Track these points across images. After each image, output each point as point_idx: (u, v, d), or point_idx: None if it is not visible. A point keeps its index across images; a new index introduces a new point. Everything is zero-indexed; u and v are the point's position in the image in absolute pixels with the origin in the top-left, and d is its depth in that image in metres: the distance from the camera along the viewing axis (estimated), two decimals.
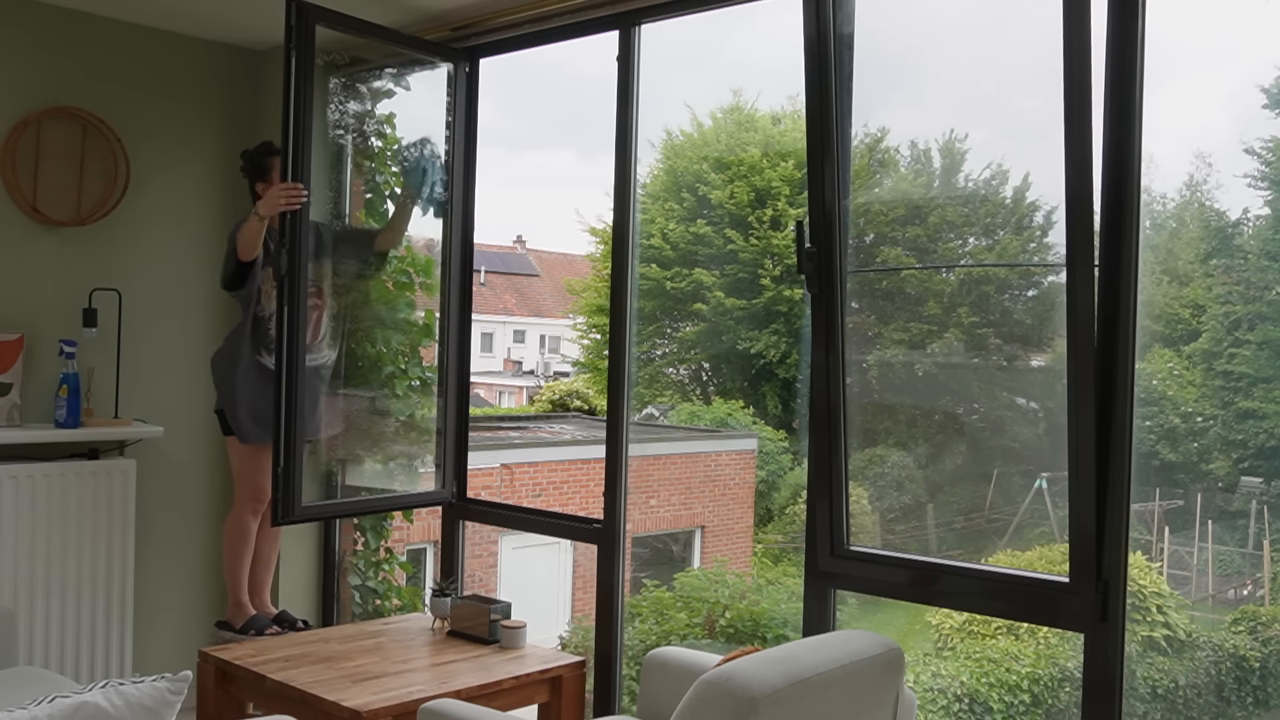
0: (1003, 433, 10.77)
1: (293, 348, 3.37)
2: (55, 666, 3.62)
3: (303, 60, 3.36)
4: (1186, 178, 10.86)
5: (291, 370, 3.37)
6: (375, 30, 3.64)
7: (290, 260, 3.36)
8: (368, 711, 2.73)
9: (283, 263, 3.36)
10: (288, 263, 3.35)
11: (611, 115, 3.43)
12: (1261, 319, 9.90)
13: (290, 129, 3.35)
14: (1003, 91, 8.10)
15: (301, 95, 3.36)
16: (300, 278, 3.39)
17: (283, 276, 3.36)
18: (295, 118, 3.35)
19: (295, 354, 3.38)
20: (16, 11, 3.72)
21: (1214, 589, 9.69)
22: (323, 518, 3.92)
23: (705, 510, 12.49)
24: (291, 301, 3.36)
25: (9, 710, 1.56)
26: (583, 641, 8.73)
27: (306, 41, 3.36)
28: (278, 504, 3.39)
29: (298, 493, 3.42)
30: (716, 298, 14.93)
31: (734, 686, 1.96)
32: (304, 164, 3.39)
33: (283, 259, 3.36)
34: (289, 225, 3.37)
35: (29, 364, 3.72)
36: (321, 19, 3.41)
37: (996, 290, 10.35)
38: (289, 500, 3.39)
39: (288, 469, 3.37)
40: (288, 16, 3.32)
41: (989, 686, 7.80)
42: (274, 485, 3.40)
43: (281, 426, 3.36)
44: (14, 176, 3.71)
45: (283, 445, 3.37)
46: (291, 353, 3.37)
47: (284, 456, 3.36)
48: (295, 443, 3.38)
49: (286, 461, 3.37)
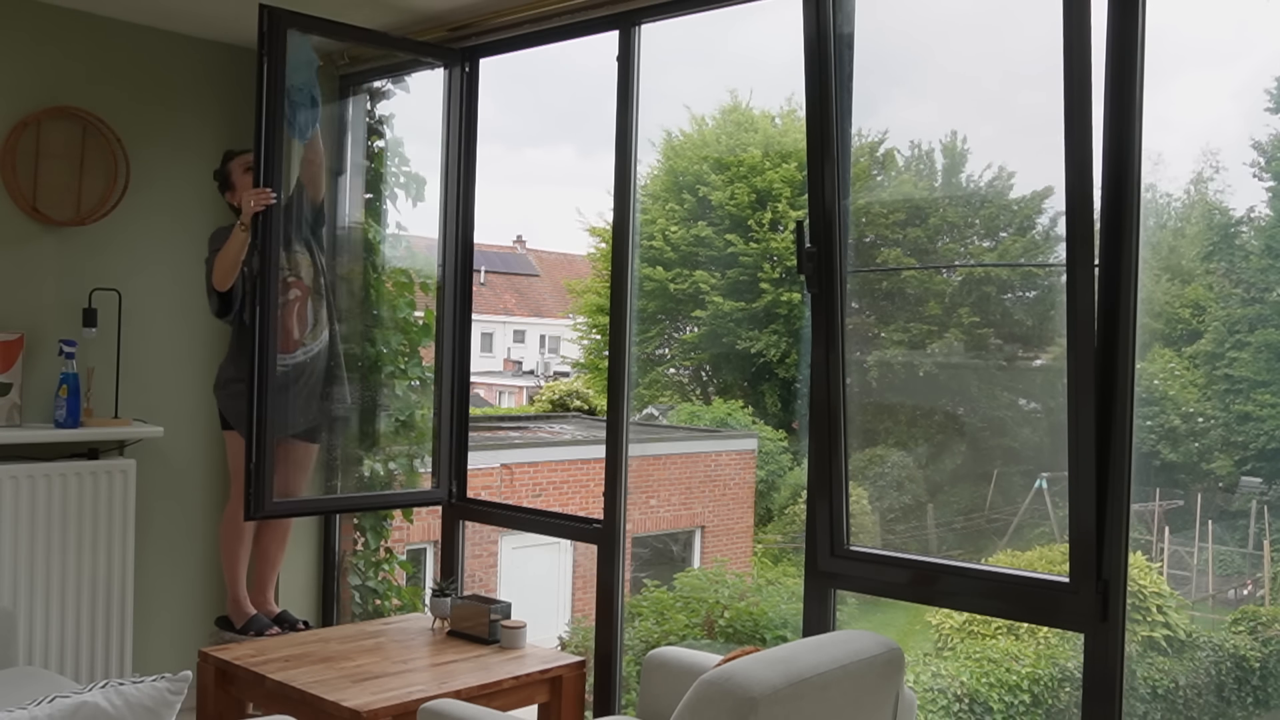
0: (1003, 433, 10.77)
1: (264, 345, 3.42)
2: (55, 666, 3.62)
3: (274, 65, 3.38)
4: (1193, 175, 10.86)
5: (263, 367, 3.42)
6: (354, 33, 3.66)
7: (262, 260, 3.40)
8: (368, 711, 2.73)
9: (254, 263, 3.41)
10: (259, 263, 3.40)
11: (611, 110, 3.43)
12: (1262, 321, 9.91)
13: (262, 132, 3.38)
14: (1004, 91, 8.10)
15: (274, 100, 3.39)
16: (272, 278, 3.43)
17: (254, 277, 3.40)
18: (267, 121, 3.38)
19: (266, 351, 3.42)
20: (16, 11, 3.72)
21: (1214, 589, 9.69)
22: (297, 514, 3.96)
23: (705, 510, 12.49)
24: (263, 301, 3.41)
25: (9, 710, 1.55)
26: (583, 641, 8.73)
27: (278, 46, 3.39)
28: (249, 499, 3.45)
29: (268, 489, 3.47)
30: (715, 302, 14.93)
31: (734, 686, 1.96)
32: (276, 167, 3.42)
33: (254, 259, 3.41)
34: (259, 226, 3.41)
35: (29, 364, 3.72)
36: (294, 24, 3.43)
37: (997, 291, 10.35)
38: (260, 495, 3.45)
39: (259, 464, 3.43)
40: (260, 22, 3.35)
41: (989, 686, 7.80)
42: (246, 480, 3.46)
43: (253, 422, 3.41)
44: (14, 176, 3.71)
45: (254, 441, 3.42)
46: (263, 350, 3.42)
47: (255, 452, 3.42)
48: (266, 439, 3.43)
49: (258, 457, 3.42)
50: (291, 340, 3.63)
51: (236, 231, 3.46)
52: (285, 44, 3.40)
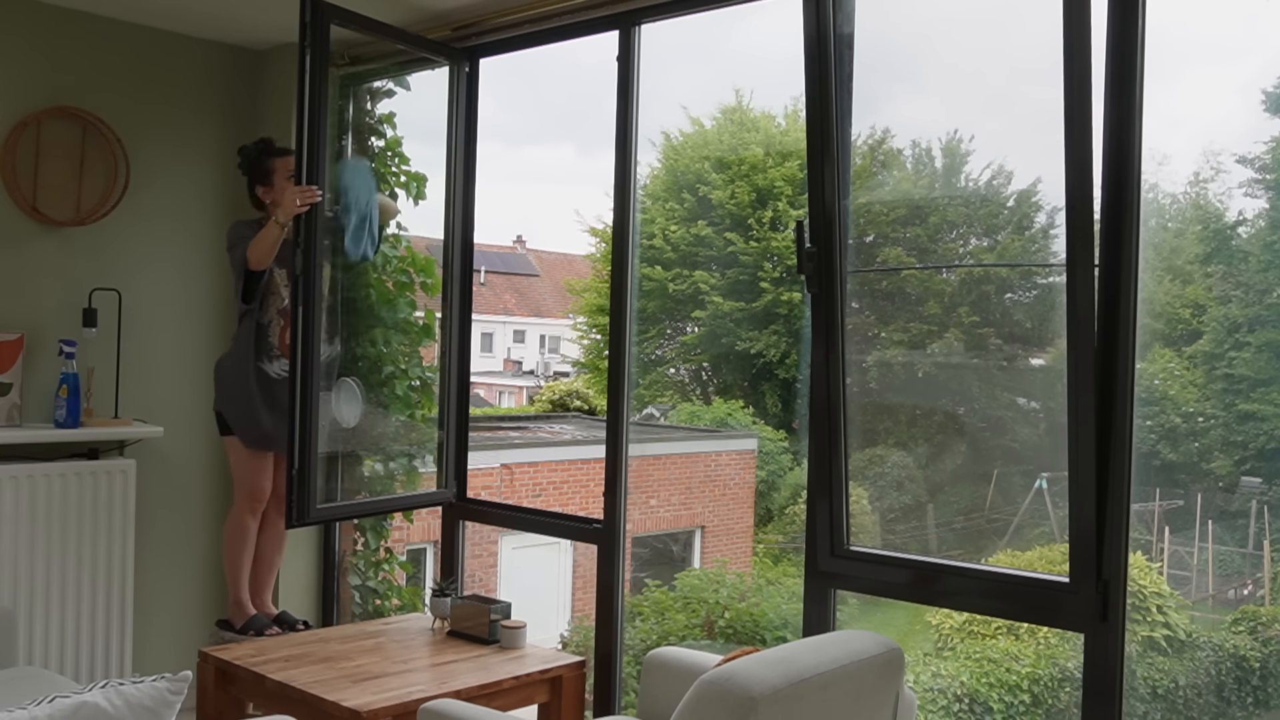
0: (1003, 433, 10.77)
1: (308, 348, 3.31)
2: (55, 666, 3.62)
3: (317, 58, 3.31)
4: (1192, 175, 10.85)
5: (306, 371, 3.31)
6: (385, 30, 3.61)
7: (305, 259, 3.30)
8: (368, 711, 2.73)
9: (298, 262, 3.31)
10: (303, 261, 3.30)
11: (611, 108, 3.43)
12: (1261, 322, 9.90)
13: (304, 128, 3.31)
14: (1004, 90, 8.10)
15: (316, 94, 3.31)
16: (315, 276, 3.33)
17: (297, 276, 3.32)
18: (310, 116, 3.31)
19: (310, 354, 3.32)
20: (16, 11, 3.72)
21: (1214, 589, 9.69)
22: (334, 519, 3.87)
23: (705, 510, 12.49)
24: (306, 301, 3.30)
25: (9, 710, 1.55)
26: (583, 641, 8.73)
27: (321, 40, 3.31)
28: (291, 507, 3.34)
29: (313, 496, 3.36)
30: (715, 302, 14.93)
31: (734, 686, 1.96)
32: (319, 163, 3.35)
33: (298, 258, 3.31)
34: (303, 224, 3.33)
35: (29, 364, 3.72)
36: (335, 17, 3.36)
37: (997, 291, 10.35)
38: (304, 503, 3.33)
39: (302, 471, 3.30)
40: (302, 14, 3.27)
41: (989, 686, 7.80)
42: (288, 488, 3.34)
43: (296, 429, 3.28)
44: (14, 176, 3.71)
45: (297, 448, 3.30)
46: (306, 353, 3.31)
47: (298, 459, 3.29)
48: (310, 445, 3.32)
49: (301, 464, 3.29)
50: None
51: (271, 226, 3.41)
52: (328, 36, 3.34)
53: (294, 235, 3.37)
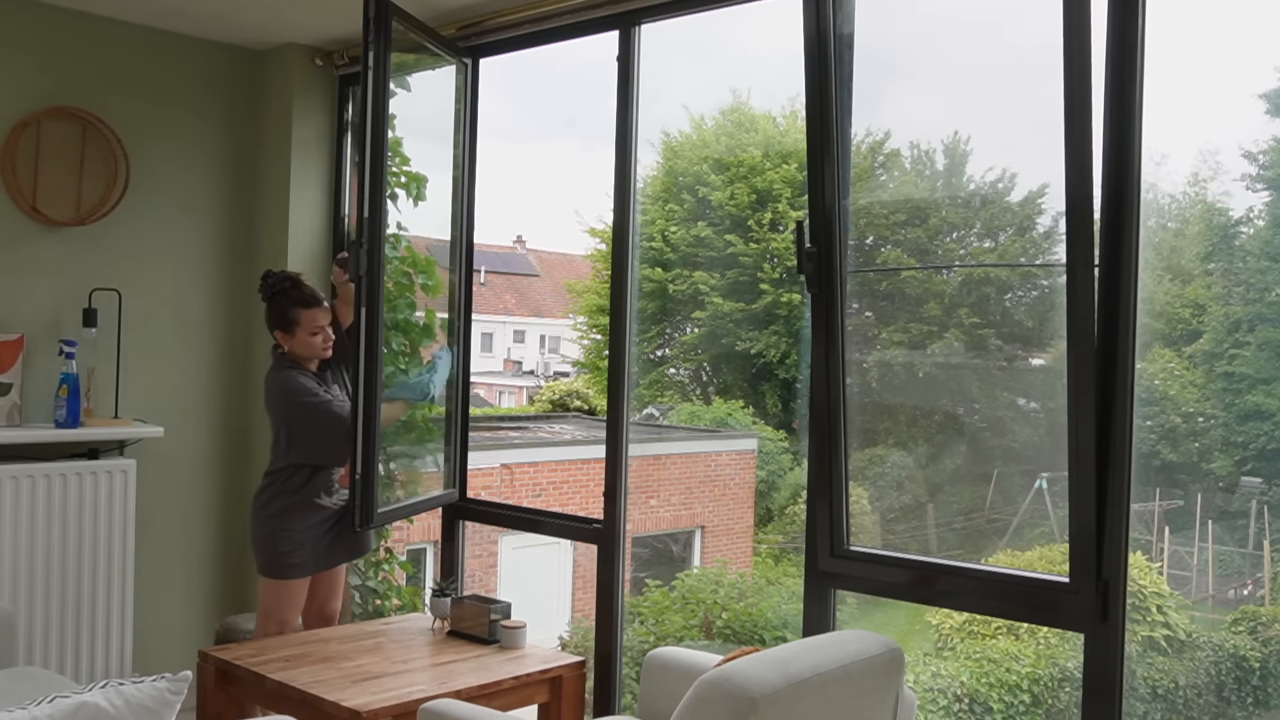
0: (1003, 433, 10.77)
1: (371, 358, 3.22)
2: (55, 666, 3.62)
3: (380, 54, 3.18)
4: (1192, 175, 10.85)
5: (370, 380, 3.22)
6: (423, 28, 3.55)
7: (370, 260, 3.20)
8: (368, 711, 2.73)
9: (361, 262, 3.19)
10: (367, 263, 3.19)
11: (611, 105, 3.42)
12: (1261, 320, 9.90)
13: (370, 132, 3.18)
14: (1005, 90, 8.09)
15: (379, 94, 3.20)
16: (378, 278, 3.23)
17: (360, 276, 3.20)
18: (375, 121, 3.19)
19: (374, 365, 3.23)
20: (16, 11, 3.72)
21: (1214, 589, 9.68)
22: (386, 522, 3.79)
23: (705, 510, 12.49)
24: (370, 303, 3.21)
25: (9, 710, 1.55)
26: (583, 641, 8.73)
27: (383, 34, 3.19)
28: (355, 511, 3.28)
29: (375, 501, 3.32)
30: (715, 303, 14.93)
31: (734, 687, 1.96)
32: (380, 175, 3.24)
33: (361, 258, 3.19)
34: (368, 226, 3.21)
35: (29, 364, 3.72)
36: (397, 14, 3.27)
37: (997, 291, 10.35)
38: (368, 507, 3.28)
39: (366, 476, 3.24)
40: (366, 9, 3.17)
41: (989, 686, 7.80)
42: (351, 493, 3.29)
43: (359, 434, 3.21)
44: (14, 176, 3.71)
45: (360, 453, 3.23)
46: (370, 364, 3.22)
47: (362, 464, 3.23)
48: (373, 453, 3.26)
49: (365, 469, 3.24)
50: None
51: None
52: (391, 33, 3.22)
53: (356, 236, 3.27)
